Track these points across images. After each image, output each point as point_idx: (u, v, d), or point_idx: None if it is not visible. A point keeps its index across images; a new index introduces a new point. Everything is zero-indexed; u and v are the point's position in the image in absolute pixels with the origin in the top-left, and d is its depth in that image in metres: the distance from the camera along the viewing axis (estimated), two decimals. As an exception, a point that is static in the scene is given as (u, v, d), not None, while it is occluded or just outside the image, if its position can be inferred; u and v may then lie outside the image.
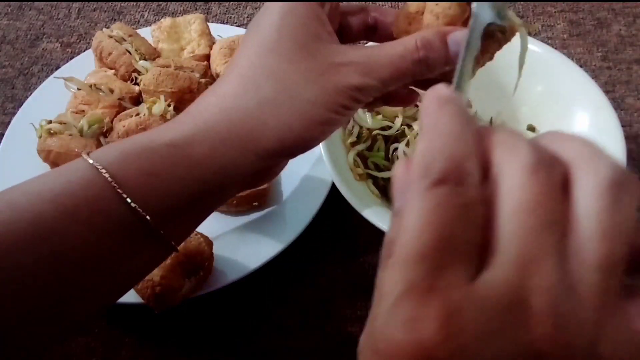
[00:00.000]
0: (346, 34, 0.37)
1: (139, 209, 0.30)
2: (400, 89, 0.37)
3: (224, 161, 0.31)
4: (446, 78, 0.34)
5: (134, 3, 0.79)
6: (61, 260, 0.29)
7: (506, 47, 0.34)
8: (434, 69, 0.33)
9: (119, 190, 0.29)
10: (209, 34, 0.68)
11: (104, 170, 0.30)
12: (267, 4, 0.33)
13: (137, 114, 0.57)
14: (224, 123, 0.31)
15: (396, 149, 0.55)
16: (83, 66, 0.67)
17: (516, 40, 0.34)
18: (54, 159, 0.56)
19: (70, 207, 0.29)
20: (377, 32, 0.37)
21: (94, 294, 0.32)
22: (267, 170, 0.34)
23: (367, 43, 0.43)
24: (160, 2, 0.79)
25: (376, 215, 0.48)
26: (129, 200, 0.29)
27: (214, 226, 0.55)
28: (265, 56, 0.32)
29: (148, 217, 0.30)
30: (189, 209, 0.32)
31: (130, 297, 0.47)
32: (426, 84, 0.36)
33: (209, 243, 0.50)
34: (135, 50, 0.65)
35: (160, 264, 0.36)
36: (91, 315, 0.34)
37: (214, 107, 0.32)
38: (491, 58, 0.33)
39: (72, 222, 0.29)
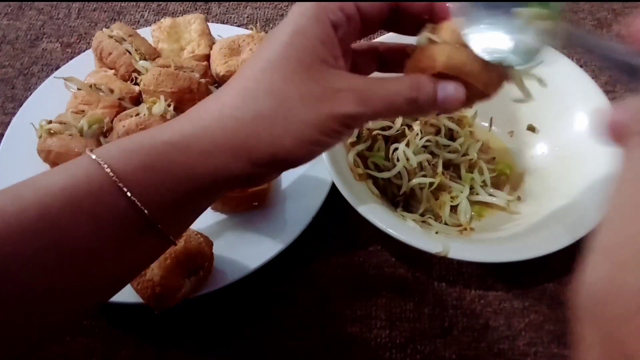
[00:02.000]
0: (358, 69, 0.39)
1: (137, 202, 0.31)
2: None
3: (217, 163, 0.33)
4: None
5: (134, 3, 0.79)
6: (64, 250, 0.30)
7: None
8: (423, 110, 0.35)
9: (119, 183, 0.31)
10: (209, 34, 0.68)
11: (105, 165, 0.31)
12: (286, 18, 0.34)
13: (137, 114, 0.57)
14: (220, 129, 0.33)
15: (396, 149, 0.55)
16: (83, 66, 0.67)
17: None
18: (54, 159, 0.56)
19: (74, 199, 0.31)
20: (389, 67, 0.40)
21: (95, 285, 0.33)
22: (259, 176, 0.35)
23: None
24: (160, 2, 0.79)
25: (376, 215, 0.48)
26: (128, 192, 0.31)
27: (214, 226, 0.55)
28: (268, 73, 0.33)
29: (145, 210, 0.32)
30: (183, 204, 0.34)
31: (130, 297, 0.47)
32: None
33: (209, 243, 0.50)
34: (135, 50, 0.65)
35: (159, 257, 0.38)
36: (90, 308, 0.36)
37: (213, 113, 0.33)
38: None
39: (76, 214, 0.31)
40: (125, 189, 0.31)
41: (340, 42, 0.35)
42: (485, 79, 0.34)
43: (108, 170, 0.31)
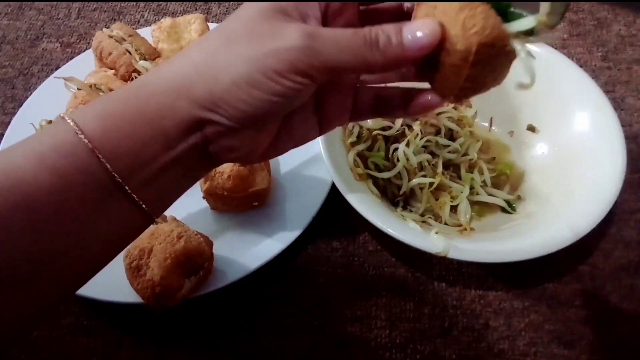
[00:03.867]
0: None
1: (97, 152, 0.30)
2: (395, 98, 0.36)
3: (162, 101, 0.32)
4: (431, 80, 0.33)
5: (134, 3, 0.79)
6: (32, 209, 0.29)
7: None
8: (388, 56, 0.31)
9: (77, 132, 0.30)
10: (209, 34, 0.68)
11: (68, 119, 0.31)
12: None
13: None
14: (169, 69, 0.33)
15: (396, 149, 0.55)
16: (83, 66, 0.67)
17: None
18: (54, 159, 0.56)
19: (38, 154, 0.30)
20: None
21: (66, 253, 0.31)
22: (212, 130, 0.32)
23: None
24: (160, 2, 0.79)
25: (376, 215, 0.48)
26: (84, 138, 0.30)
27: (214, 226, 0.55)
28: (229, 21, 0.33)
29: (107, 164, 0.30)
30: (145, 157, 0.32)
31: (130, 297, 0.47)
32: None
33: (209, 243, 0.50)
34: (135, 50, 0.65)
35: (138, 233, 0.36)
36: (69, 283, 0.33)
37: (170, 61, 0.33)
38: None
39: (40, 168, 0.30)
40: (82, 137, 0.30)
41: (327, 9, 0.33)
42: (466, 15, 0.29)
43: (69, 121, 0.30)
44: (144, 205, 0.33)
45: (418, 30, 0.30)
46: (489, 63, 0.31)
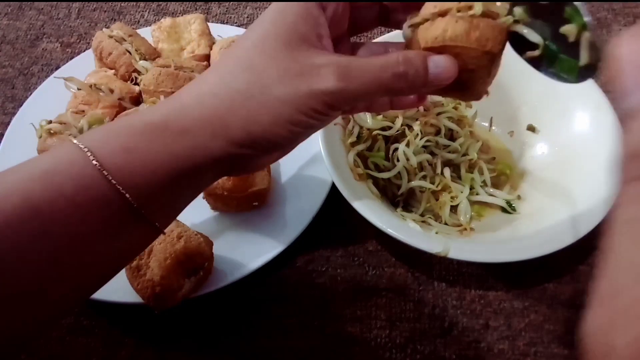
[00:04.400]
0: (359, 24, 0.38)
1: (117, 185, 0.30)
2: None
3: (195, 141, 0.32)
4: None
5: (134, 3, 0.79)
6: (47, 237, 0.29)
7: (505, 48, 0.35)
8: (413, 86, 0.33)
9: (99, 167, 0.30)
10: (209, 34, 0.68)
11: (85, 148, 0.30)
12: (272, 3, 0.34)
13: (137, 114, 0.57)
14: (198, 107, 0.32)
15: (396, 149, 0.55)
16: (83, 66, 0.67)
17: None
18: (54, 159, 0.56)
19: (56, 184, 0.30)
20: (390, 20, 0.39)
21: (80, 275, 0.32)
22: (242, 159, 0.34)
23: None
24: (160, 2, 0.79)
25: (376, 215, 0.48)
26: (107, 174, 0.30)
27: (214, 226, 0.55)
28: (248, 51, 0.33)
29: (127, 194, 0.30)
30: (167, 188, 0.32)
31: (130, 297, 0.47)
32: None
33: (209, 243, 0.50)
34: (135, 50, 0.65)
35: (146, 246, 0.37)
36: (78, 300, 0.34)
37: (192, 92, 0.33)
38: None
39: (58, 198, 0.29)
40: (105, 172, 0.30)
41: (330, 23, 0.34)
42: (476, 36, 0.33)
43: (87, 152, 0.30)
44: (158, 225, 0.33)
45: (441, 66, 0.33)
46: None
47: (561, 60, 0.34)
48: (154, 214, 0.32)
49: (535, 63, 0.35)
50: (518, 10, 0.34)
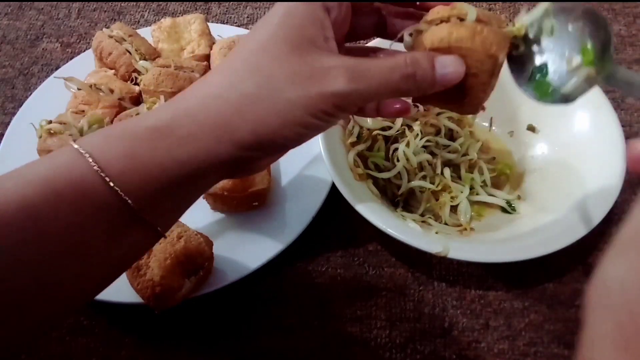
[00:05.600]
0: (357, 31, 0.39)
1: (120, 191, 0.30)
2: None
3: (200, 145, 0.31)
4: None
5: (134, 3, 0.79)
6: (47, 242, 0.29)
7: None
8: (420, 87, 0.34)
9: (101, 173, 0.30)
10: (209, 34, 0.68)
11: (87, 154, 0.30)
12: (276, 3, 0.34)
13: (137, 114, 0.57)
14: (203, 110, 0.32)
15: (396, 149, 0.55)
16: (83, 66, 0.67)
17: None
18: (54, 159, 0.56)
19: (56, 190, 0.29)
20: (386, 31, 0.39)
21: (81, 279, 0.32)
22: (247, 161, 0.34)
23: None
24: (160, 2, 0.79)
25: (376, 215, 0.48)
26: (109, 180, 0.30)
27: (214, 226, 0.55)
28: (256, 53, 0.32)
29: (129, 200, 0.30)
30: (170, 192, 0.32)
31: (130, 297, 0.47)
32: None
33: (209, 243, 0.50)
34: (135, 50, 0.65)
35: (148, 249, 0.37)
36: (79, 303, 0.34)
37: (198, 94, 0.33)
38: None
39: (57, 204, 0.29)
40: (107, 178, 0.30)
41: (333, 26, 0.34)
42: (481, 39, 0.33)
43: (89, 158, 0.30)
44: (159, 228, 0.33)
45: (448, 66, 0.33)
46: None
47: (543, 83, 0.35)
48: (156, 218, 0.32)
49: (517, 71, 0.36)
50: (525, 23, 0.35)
